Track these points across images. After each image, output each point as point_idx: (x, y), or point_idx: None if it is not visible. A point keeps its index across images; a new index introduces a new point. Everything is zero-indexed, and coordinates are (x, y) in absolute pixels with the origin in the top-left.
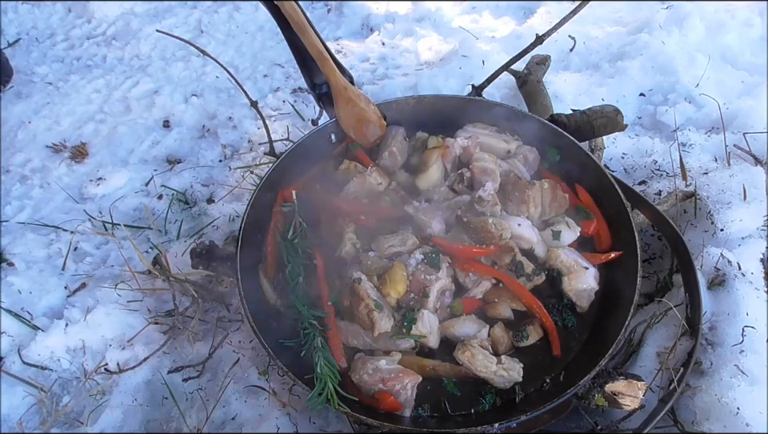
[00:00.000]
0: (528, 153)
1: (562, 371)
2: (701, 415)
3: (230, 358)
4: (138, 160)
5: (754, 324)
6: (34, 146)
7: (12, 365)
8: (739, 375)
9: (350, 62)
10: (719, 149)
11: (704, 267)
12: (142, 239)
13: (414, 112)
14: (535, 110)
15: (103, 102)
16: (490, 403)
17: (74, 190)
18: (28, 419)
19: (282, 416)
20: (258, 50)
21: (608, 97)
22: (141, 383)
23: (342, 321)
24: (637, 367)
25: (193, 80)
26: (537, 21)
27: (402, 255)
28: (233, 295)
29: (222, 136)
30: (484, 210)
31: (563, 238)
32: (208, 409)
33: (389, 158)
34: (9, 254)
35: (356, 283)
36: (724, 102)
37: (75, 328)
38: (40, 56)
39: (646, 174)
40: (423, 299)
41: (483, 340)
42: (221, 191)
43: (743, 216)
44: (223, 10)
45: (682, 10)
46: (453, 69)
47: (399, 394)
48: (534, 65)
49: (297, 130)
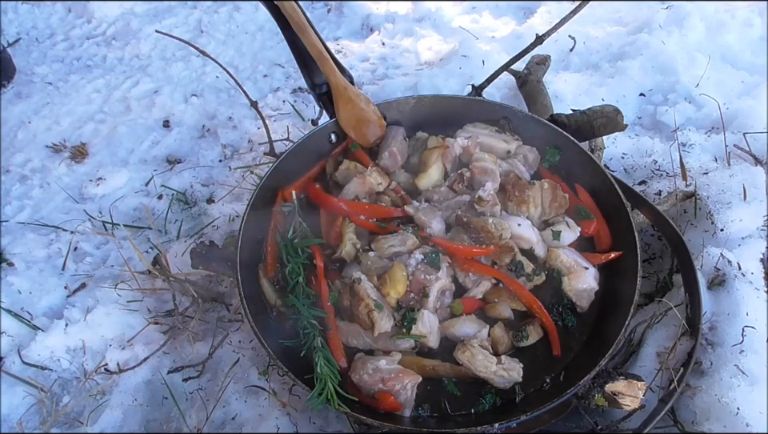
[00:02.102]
0: (528, 153)
1: (562, 371)
2: (701, 415)
3: (230, 358)
4: (137, 160)
5: (754, 324)
6: (34, 146)
7: (12, 365)
8: (739, 375)
9: (350, 62)
10: (719, 149)
11: (704, 267)
12: (142, 239)
13: (414, 112)
14: (535, 110)
15: (103, 102)
16: (489, 403)
17: (74, 190)
18: (28, 419)
19: (282, 416)
20: (258, 50)
21: (608, 97)
22: (141, 383)
23: (342, 321)
24: (637, 367)
25: (193, 80)
26: (537, 21)
27: (402, 255)
28: (233, 295)
29: (222, 136)
30: (484, 210)
31: (563, 238)
32: (208, 409)
33: (389, 158)
34: (9, 254)
35: (356, 283)
36: (724, 102)
37: (75, 328)
38: (40, 56)
39: (646, 174)
40: (423, 299)
41: (483, 340)
42: (221, 191)
43: (743, 216)
44: (223, 10)
45: (682, 10)
46: (453, 69)
47: (399, 394)
48: (534, 65)
49: (297, 130)
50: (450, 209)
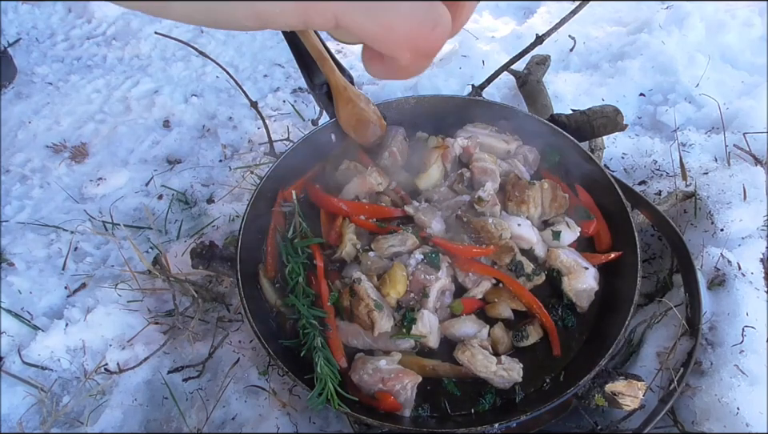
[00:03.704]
0: (528, 153)
1: (562, 371)
2: (701, 415)
3: (230, 358)
4: (137, 160)
5: (754, 324)
6: (33, 146)
7: (12, 365)
8: (739, 375)
9: (350, 62)
10: (719, 149)
11: (704, 267)
12: (142, 239)
13: (414, 112)
14: (535, 110)
15: (103, 102)
16: (489, 403)
17: (74, 190)
18: (28, 419)
19: (282, 416)
20: (258, 50)
21: (608, 97)
22: (141, 383)
23: (342, 321)
24: (637, 367)
25: (193, 80)
26: (537, 21)
27: (402, 255)
28: (233, 295)
29: (222, 136)
30: (484, 210)
31: (563, 238)
32: (208, 409)
33: (389, 158)
34: (9, 254)
35: (356, 283)
36: (724, 102)
37: (75, 328)
38: (40, 56)
39: (646, 174)
40: (423, 299)
41: (483, 340)
42: (221, 191)
43: (743, 216)
44: None
45: (682, 10)
46: (453, 69)
47: (399, 394)
48: (534, 65)
49: (297, 130)
50: (450, 209)
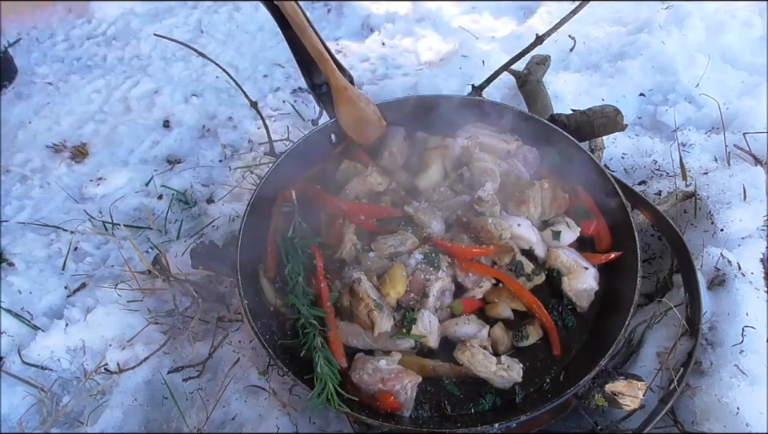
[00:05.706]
0: (528, 153)
1: (562, 371)
2: (701, 415)
3: (230, 358)
4: (138, 160)
5: (754, 324)
6: (34, 146)
7: (12, 365)
8: (739, 375)
9: (350, 62)
10: (719, 149)
11: (704, 267)
12: (142, 239)
13: (414, 112)
14: (535, 110)
15: (103, 102)
16: (489, 403)
17: (74, 190)
18: (28, 419)
19: (282, 416)
20: (258, 50)
21: (608, 97)
22: (141, 383)
23: (342, 321)
24: (637, 367)
25: (193, 80)
26: (537, 21)
27: (401, 255)
28: (233, 295)
29: (221, 136)
30: (484, 210)
31: (563, 238)
32: (208, 409)
33: (389, 158)
34: (9, 254)
35: (356, 283)
36: (724, 102)
37: (75, 328)
38: (40, 56)
39: (646, 174)
40: (423, 299)
41: (483, 340)
42: (221, 191)
43: (743, 216)
44: (223, 10)
45: (682, 10)
46: (453, 69)
47: (399, 394)
48: (534, 65)
49: (297, 130)
50: (450, 209)
